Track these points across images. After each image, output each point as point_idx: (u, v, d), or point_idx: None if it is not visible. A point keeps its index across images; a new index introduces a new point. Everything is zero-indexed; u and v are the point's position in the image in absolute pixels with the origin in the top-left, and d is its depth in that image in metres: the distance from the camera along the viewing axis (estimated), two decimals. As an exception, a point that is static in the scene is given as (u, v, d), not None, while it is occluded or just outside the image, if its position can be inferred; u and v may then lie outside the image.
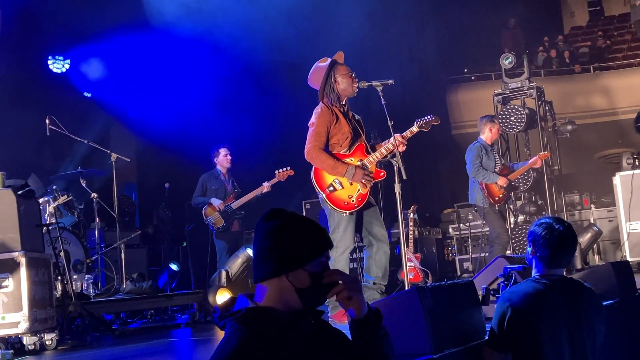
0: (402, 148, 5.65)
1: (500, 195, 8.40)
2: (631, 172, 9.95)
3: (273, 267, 2.18)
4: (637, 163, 10.29)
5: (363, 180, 5.61)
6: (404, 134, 5.70)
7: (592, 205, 12.93)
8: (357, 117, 6.01)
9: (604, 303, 5.26)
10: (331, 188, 5.65)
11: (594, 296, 3.55)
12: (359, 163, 5.71)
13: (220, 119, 10.93)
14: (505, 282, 3.80)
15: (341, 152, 5.73)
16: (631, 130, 10.82)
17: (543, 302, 3.40)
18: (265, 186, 8.52)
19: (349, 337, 2.33)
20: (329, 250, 2.24)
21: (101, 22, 9.94)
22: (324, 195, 5.67)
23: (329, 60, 5.83)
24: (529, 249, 3.57)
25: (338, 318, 5.57)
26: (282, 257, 2.18)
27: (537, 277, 3.52)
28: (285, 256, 2.17)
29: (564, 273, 3.64)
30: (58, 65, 10.51)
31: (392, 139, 5.59)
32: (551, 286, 3.45)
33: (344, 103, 5.87)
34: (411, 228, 9.68)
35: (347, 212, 5.64)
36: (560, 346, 3.35)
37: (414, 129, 5.78)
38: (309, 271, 2.18)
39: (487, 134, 8.59)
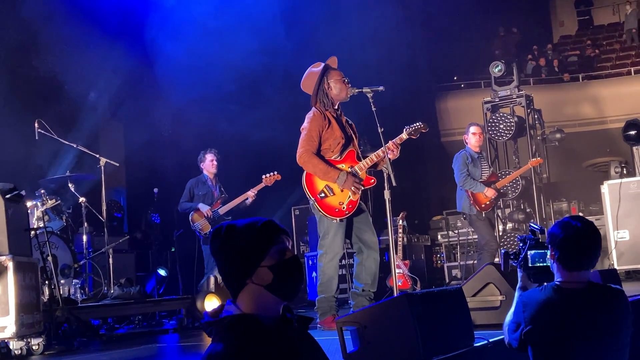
0: (394, 155, 5.66)
1: (487, 203, 8.42)
2: (619, 180, 10.00)
3: (235, 279, 2.23)
4: (625, 172, 10.35)
5: (353, 188, 5.62)
6: (394, 140, 5.70)
7: (580, 214, 12.98)
8: (350, 122, 6.02)
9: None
10: (322, 194, 5.65)
11: (621, 300, 3.19)
12: (349, 169, 5.71)
13: (210, 124, 10.91)
14: (523, 246, 3.47)
15: (332, 158, 5.74)
16: (619, 139, 10.87)
17: (560, 314, 3.09)
18: (250, 195, 8.48)
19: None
20: (282, 234, 2.26)
21: (93, 26, 9.90)
22: (314, 200, 5.67)
23: (322, 65, 5.84)
24: (549, 253, 3.24)
25: (327, 324, 5.57)
26: (237, 266, 2.22)
27: (558, 283, 3.16)
28: (239, 264, 2.21)
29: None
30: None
31: (383, 147, 5.59)
32: (571, 296, 3.11)
33: (336, 108, 5.87)
34: (400, 235, 9.68)
35: (338, 218, 5.64)
36: (580, 357, 3.12)
37: (403, 136, 5.79)
38: (267, 265, 2.20)
39: (471, 141, 8.60)
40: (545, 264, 3.35)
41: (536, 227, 3.50)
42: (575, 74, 19.61)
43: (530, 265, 3.42)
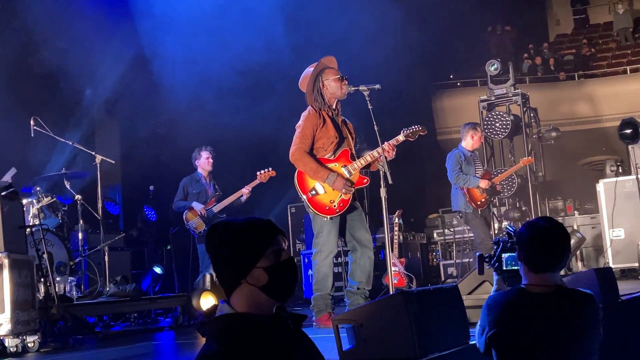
0: (391, 155, 5.67)
1: (483, 200, 8.42)
2: (614, 179, 10.03)
3: (229, 278, 2.22)
4: (620, 170, 10.37)
5: (343, 190, 5.62)
6: (391, 142, 5.70)
7: (575, 212, 13.00)
8: (347, 121, 6.02)
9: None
10: (313, 192, 5.66)
11: (591, 306, 3.06)
12: (343, 169, 5.71)
13: (205, 120, 10.90)
14: (497, 249, 3.37)
15: (325, 157, 5.74)
16: (615, 137, 10.90)
17: (523, 318, 3.01)
18: (245, 192, 8.45)
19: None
20: (278, 235, 2.26)
21: (89, 22, 9.88)
22: (305, 198, 5.68)
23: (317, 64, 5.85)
24: (516, 254, 3.17)
25: (322, 322, 5.57)
26: (232, 266, 2.21)
27: (524, 286, 3.08)
28: (234, 264, 2.21)
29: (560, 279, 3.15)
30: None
31: (379, 148, 5.60)
32: (536, 299, 3.01)
33: (334, 107, 5.87)
34: (396, 233, 9.68)
35: (328, 216, 5.65)
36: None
37: (400, 137, 5.80)
38: (263, 267, 2.20)
39: (468, 141, 8.60)
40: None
41: (511, 229, 3.38)
42: (571, 73, 19.64)
43: (504, 268, 3.34)
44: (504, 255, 3.34)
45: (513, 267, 3.28)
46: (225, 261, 2.22)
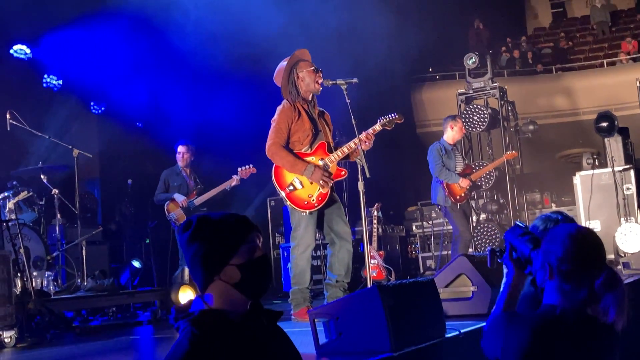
0: (367, 146, 5.67)
1: (462, 195, 8.49)
2: (591, 171, 10.12)
3: (202, 274, 2.22)
4: (597, 163, 10.47)
5: (321, 181, 5.61)
6: (367, 131, 5.71)
7: (552, 204, 13.12)
8: (325, 112, 6.01)
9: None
10: (291, 187, 5.65)
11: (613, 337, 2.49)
12: (320, 162, 5.71)
13: (185, 114, 10.85)
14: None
15: (302, 151, 5.73)
16: (592, 130, 10.98)
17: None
18: (235, 179, 8.46)
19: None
20: (253, 232, 2.26)
21: (64, 12, 9.78)
22: (284, 194, 5.68)
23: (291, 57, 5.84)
24: (542, 275, 2.52)
25: (300, 316, 5.58)
26: (205, 262, 2.20)
27: (563, 308, 2.45)
28: (207, 260, 2.20)
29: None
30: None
31: (356, 139, 5.61)
32: (592, 324, 2.43)
33: (310, 99, 5.86)
34: (375, 226, 9.72)
35: (307, 211, 5.64)
36: None
37: (377, 127, 5.80)
38: (236, 264, 2.20)
39: (449, 133, 8.66)
40: None
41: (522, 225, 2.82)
42: (548, 66, 19.74)
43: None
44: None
45: None
46: (198, 257, 2.21)
